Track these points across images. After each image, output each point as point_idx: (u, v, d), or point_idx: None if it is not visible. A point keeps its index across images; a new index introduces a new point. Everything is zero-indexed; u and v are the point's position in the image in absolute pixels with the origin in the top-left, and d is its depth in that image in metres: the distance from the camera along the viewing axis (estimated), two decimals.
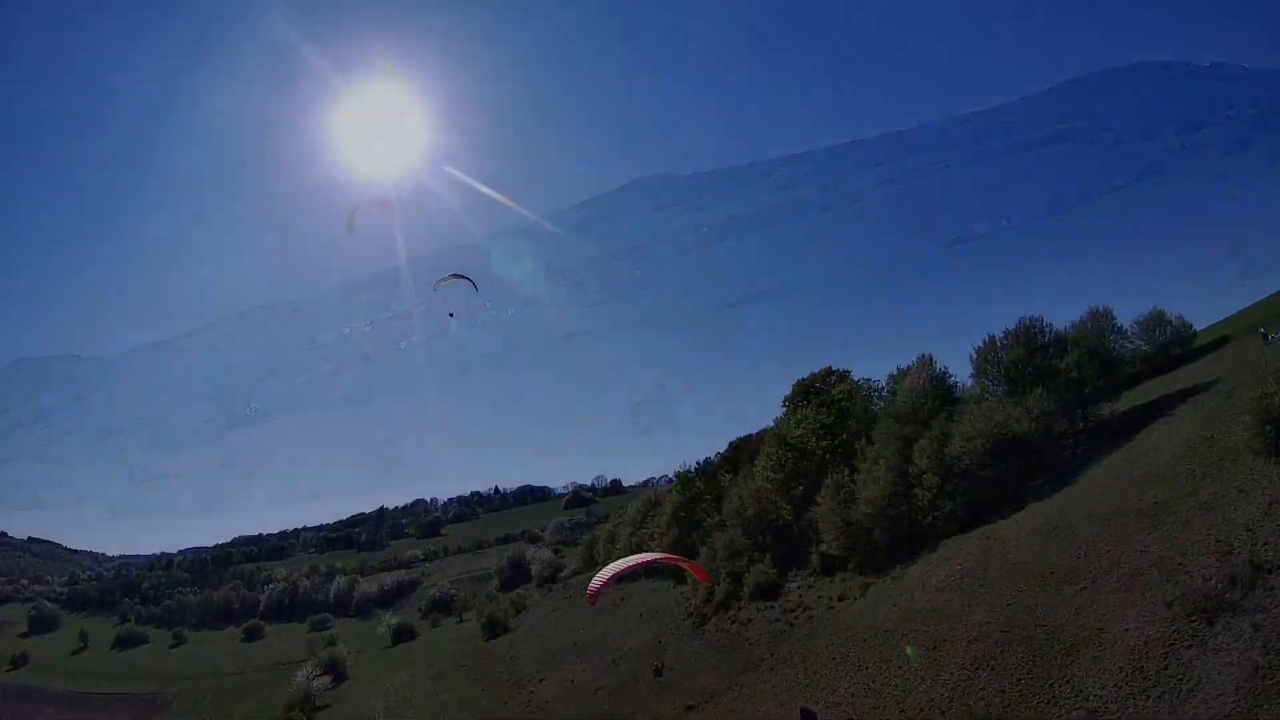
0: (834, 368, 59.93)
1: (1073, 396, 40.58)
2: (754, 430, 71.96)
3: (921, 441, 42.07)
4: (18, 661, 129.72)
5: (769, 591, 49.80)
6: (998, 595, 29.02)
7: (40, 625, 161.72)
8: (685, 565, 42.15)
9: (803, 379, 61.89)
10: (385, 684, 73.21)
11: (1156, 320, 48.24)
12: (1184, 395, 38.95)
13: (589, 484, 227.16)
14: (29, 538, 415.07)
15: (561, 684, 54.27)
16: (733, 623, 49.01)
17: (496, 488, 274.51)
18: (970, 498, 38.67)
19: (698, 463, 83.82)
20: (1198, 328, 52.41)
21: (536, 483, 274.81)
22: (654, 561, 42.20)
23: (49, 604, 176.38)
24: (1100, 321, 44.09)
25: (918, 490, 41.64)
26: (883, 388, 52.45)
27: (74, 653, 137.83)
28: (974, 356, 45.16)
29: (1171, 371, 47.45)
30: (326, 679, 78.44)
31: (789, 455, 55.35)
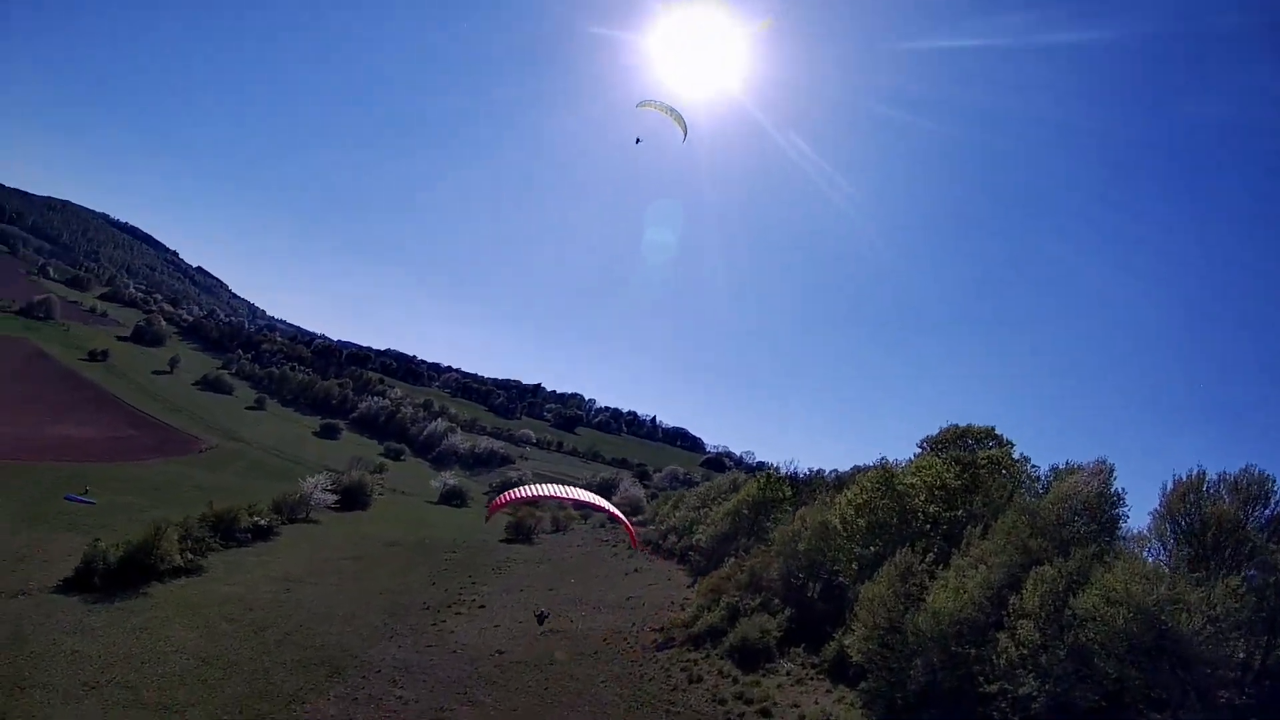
0: (997, 431, 45.26)
1: (1273, 615, 23.40)
2: None
3: (1045, 569, 26.90)
4: (96, 355, 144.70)
5: (750, 657, 37.64)
6: None
7: (145, 337, 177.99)
8: (622, 521, 35.25)
9: (956, 425, 48.56)
10: (361, 534, 69.83)
11: None
12: None
13: (738, 454, 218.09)
14: (198, 267, 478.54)
15: (487, 626, 46.32)
16: (683, 670, 37.66)
17: (654, 417, 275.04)
18: (1065, 695, 23.51)
19: (809, 469, 71.46)
20: None
21: (695, 430, 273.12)
22: (590, 504, 35.77)
23: (164, 323, 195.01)
24: None
25: (1002, 637, 26.83)
26: (1038, 477, 37.40)
27: (156, 372, 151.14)
28: (1167, 490, 28.20)
29: None
30: (332, 497, 76.88)
31: (885, 503, 42.17)
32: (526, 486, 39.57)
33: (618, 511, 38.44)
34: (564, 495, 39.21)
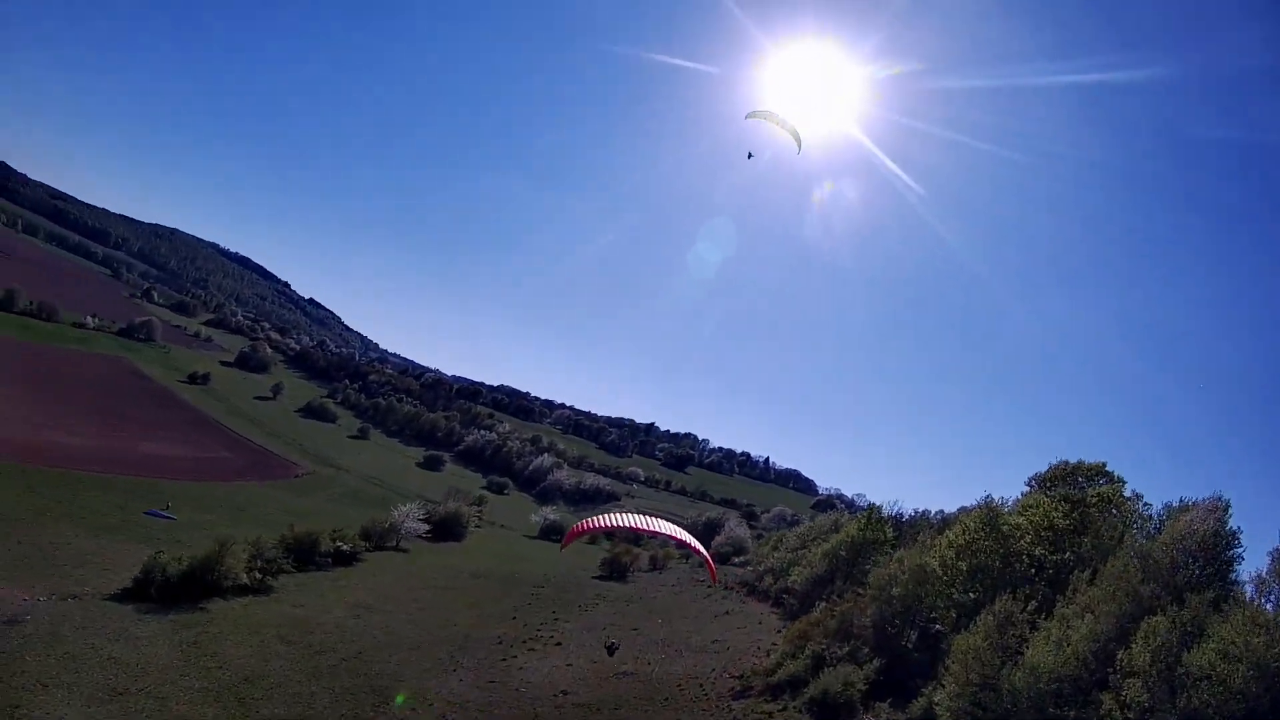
0: (1108, 468, 42.45)
1: None
2: None
3: (1157, 619, 23.25)
4: (197, 378, 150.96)
5: (830, 711, 35.05)
6: None
7: (249, 363, 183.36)
8: (701, 554, 33.75)
9: (1066, 462, 45.48)
10: (449, 565, 70.43)
11: None
12: None
13: (849, 496, 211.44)
14: (310, 299, 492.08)
15: (559, 664, 45.25)
16: None
17: (767, 459, 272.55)
18: None
19: (915, 510, 67.43)
20: None
21: (808, 473, 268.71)
22: (669, 536, 34.39)
23: (270, 350, 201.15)
24: None
25: (1106, 698, 23.33)
26: (1150, 517, 35.37)
27: (258, 397, 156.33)
28: None
29: None
30: (424, 527, 78.21)
31: (988, 544, 39.07)
32: (602, 516, 38.52)
33: (698, 544, 36.85)
34: (642, 526, 37.53)
